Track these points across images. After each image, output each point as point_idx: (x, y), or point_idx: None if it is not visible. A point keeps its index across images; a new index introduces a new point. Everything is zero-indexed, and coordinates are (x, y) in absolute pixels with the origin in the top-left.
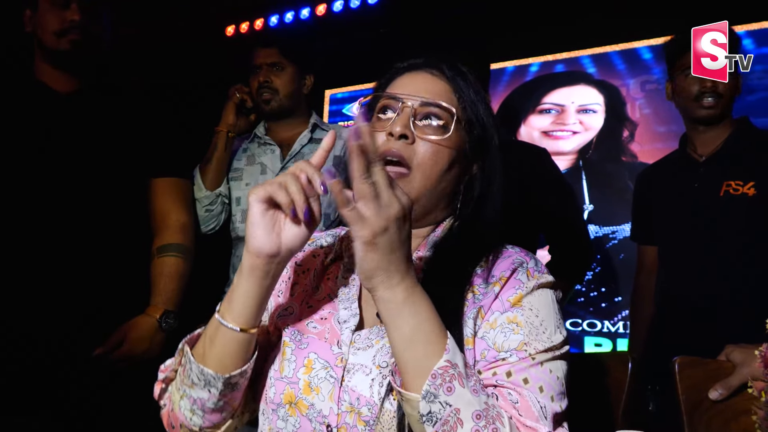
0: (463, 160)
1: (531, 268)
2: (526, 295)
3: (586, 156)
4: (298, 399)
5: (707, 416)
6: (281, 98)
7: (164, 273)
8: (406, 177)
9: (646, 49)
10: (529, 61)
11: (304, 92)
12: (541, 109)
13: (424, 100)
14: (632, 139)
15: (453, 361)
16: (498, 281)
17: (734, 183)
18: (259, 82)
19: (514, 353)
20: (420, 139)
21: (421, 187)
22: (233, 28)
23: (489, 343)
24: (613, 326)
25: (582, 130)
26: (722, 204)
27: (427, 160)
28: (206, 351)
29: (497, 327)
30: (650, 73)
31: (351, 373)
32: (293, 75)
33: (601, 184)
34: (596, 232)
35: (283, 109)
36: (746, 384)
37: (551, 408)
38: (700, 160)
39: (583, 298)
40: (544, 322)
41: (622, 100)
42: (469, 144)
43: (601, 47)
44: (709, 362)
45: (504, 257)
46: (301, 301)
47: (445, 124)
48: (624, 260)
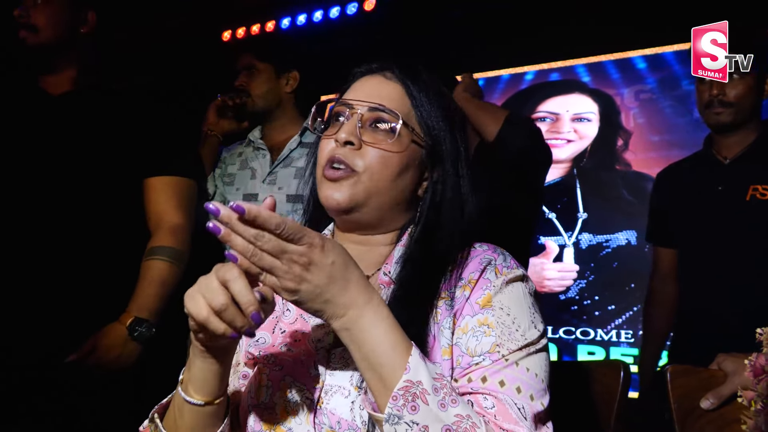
0: (419, 165)
1: (499, 265)
2: (496, 294)
3: (580, 164)
4: (276, 425)
5: (699, 424)
6: (254, 99)
7: (146, 278)
8: (353, 177)
9: (641, 58)
10: (525, 70)
11: (286, 90)
12: (536, 117)
13: (372, 106)
14: (626, 148)
15: (414, 379)
16: (467, 284)
17: (761, 187)
18: (235, 87)
19: (487, 356)
20: (366, 145)
21: (369, 189)
22: (230, 33)
23: (462, 348)
24: (606, 335)
25: (576, 138)
26: (749, 208)
27: (374, 165)
28: (177, 422)
29: (468, 331)
30: (644, 82)
31: (329, 395)
32: (268, 75)
33: (595, 193)
34: (590, 241)
35: (259, 109)
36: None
37: (531, 408)
38: (724, 162)
39: (576, 306)
40: (516, 319)
41: (617, 109)
42: (425, 149)
43: (595, 56)
44: (701, 371)
45: (472, 257)
46: (272, 329)
47: (393, 129)
48: (617, 269)
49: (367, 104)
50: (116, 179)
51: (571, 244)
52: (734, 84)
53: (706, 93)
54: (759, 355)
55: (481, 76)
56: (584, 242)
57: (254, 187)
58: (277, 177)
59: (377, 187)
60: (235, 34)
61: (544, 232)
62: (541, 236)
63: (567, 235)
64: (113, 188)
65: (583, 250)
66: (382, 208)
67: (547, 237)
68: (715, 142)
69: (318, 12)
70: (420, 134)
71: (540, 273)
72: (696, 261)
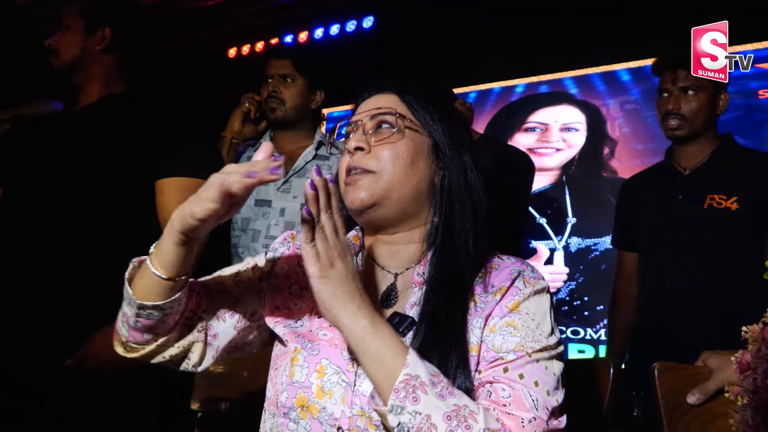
0: (428, 155)
1: (528, 276)
2: (524, 301)
3: (568, 172)
4: (310, 402)
5: (686, 419)
6: (287, 109)
7: None
8: (373, 175)
9: (625, 71)
10: (515, 83)
11: (312, 107)
12: (526, 127)
13: (372, 114)
14: (612, 156)
15: (413, 373)
16: (498, 290)
17: (718, 197)
18: (268, 92)
19: (512, 353)
20: (376, 146)
21: (388, 183)
22: (235, 50)
23: (489, 345)
24: (595, 333)
25: (565, 147)
26: (706, 216)
27: (387, 159)
28: (135, 276)
29: (497, 331)
30: (629, 93)
31: (362, 378)
32: (302, 88)
33: (583, 199)
34: (579, 244)
35: (288, 119)
36: (723, 388)
37: (546, 401)
38: (684, 173)
39: (566, 306)
40: (540, 325)
41: (603, 119)
42: (429, 139)
43: (582, 69)
44: (688, 367)
45: (501, 268)
46: (309, 312)
47: (394, 125)
48: (605, 270)
49: (368, 113)
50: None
51: (560, 248)
52: (688, 99)
53: (663, 107)
54: (744, 351)
55: (474, 89)
56: (573, 246)
57: (267, 194)
58: (292, 186)
59: (394, 179)
60: (240, 50)
61: (535, 236)
62: (532, 240)
63: (557, 239)
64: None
65: (572, 253)
66: (402, 201)
67: (538, 241)
68: (675, 154)
69: (319, 30)
70: (420, 127)
71: None
72: (656, 262)
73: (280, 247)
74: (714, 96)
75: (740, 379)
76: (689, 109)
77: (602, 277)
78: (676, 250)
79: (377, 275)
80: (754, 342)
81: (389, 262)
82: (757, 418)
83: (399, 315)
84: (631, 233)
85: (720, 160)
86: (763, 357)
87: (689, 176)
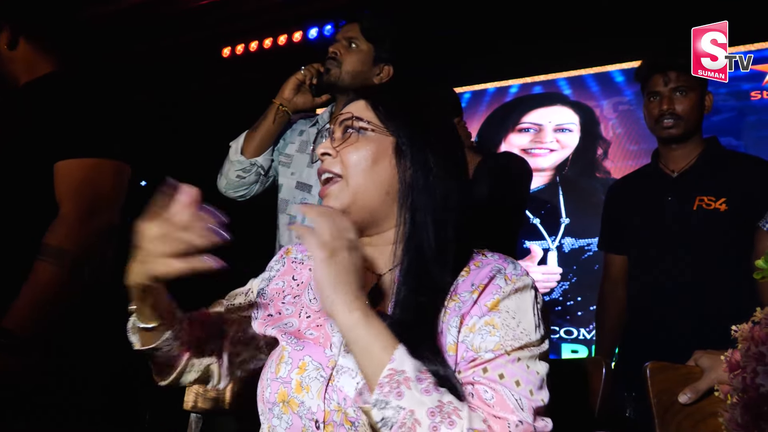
0: (392, 155)
1: (509, 273)
2: (504, 299)
3: (562, 172)
4: (290, 397)
5: (678, 419)
6: (343, 72)
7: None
8: (338, 182)
9: (619, 72)
10: (509, 83)
11: (374, 81)
12: (520, 128)
13: (339, 120)
14: (606, 157)
15: (399, 368)
16: (476, 289)
17: (707, 198)
18: (328, 53)
19: (491, 352)
20: (341, 150)
21: (354, 188)
22: (229, 50)
23: (468, 345)
24: (588, 333)
25: (559, 148)
26: (695, 217)
27: (351, 162)
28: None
29: (476, 330)
30: (622, 95)
31: (339, 374)
32: (366, 56)
33: (576, 199)
34: (572, 245)
35: (341, 84)
36: (714, 388)
37: (530, 401)
38: (672, 175)
39: (560, 306)
40: (521, 323)
41: (596, 120)
42: (393, 139)
43: (576, 70)
44: (679, 367)
45: (484, 265)
46: (299, 315)
47: (356, 128)
48: (599, 270)
49: (335, 120)
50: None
51: (554, 248)
52: (680, 100)
53: (656, 109)
54: (734, 351)
55: (469, 89)
56: (567, 246)
57: (309, 177)
58: None
59: (359, 183)
60: (234, 50)
61: (528, 236)
62: (526, 240)
63: (551, 239)
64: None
65: (566, 253)
66: (370, 203)
67: (531, 241)
68: (662, 156)
69: (313, 29)
70: (383, 129)
71: None
72: (645, 264)
73: (275, 264)
74: (701, 96)
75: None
76: (683, 109)
77: (595, 278)
78: (666, 250)
79: (365, 278)
80: (744, 341)
81: (373, 264)
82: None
83: (380, 314)
84: (619, 236)
85: (707, 162)
86: (752, 356)
87: (677, 178)
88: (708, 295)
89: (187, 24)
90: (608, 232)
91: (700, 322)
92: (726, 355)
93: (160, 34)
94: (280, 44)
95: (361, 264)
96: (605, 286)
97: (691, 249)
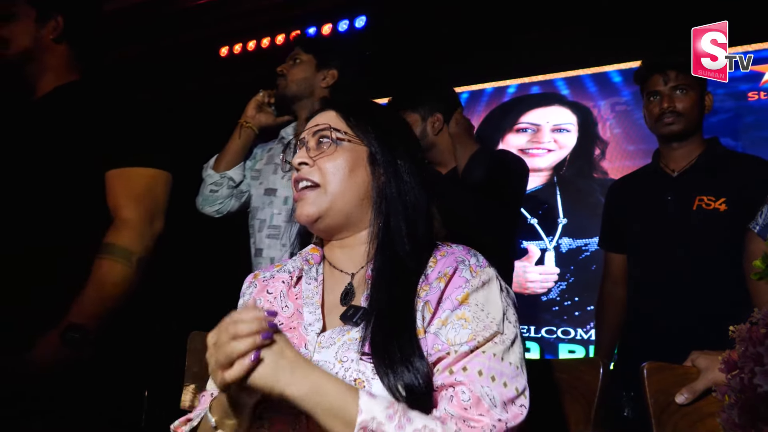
0: (367, 164)
1: (473, 265)
2: (472, 292)
3: (560, 172)
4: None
5: (674, 419)
6: (288, 83)
7: (91, 279)
8: (316, 189)
9: (616, 72)
10: (507, 83)
11: (321, 85)
12: (517, 128)
13: (312, 131)
14: (603, 157)
15: (369, 417)
16: (442, 277)
17: (706, 198)
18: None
19: (465, 345)
20: (318, 160)
21: (331, 195)
22: (227, 49)
23: (442, 338)
24: (585, 334)
25: (556, 148)
26: (695, 217)
27: (328, 171)
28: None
29: (448, 324)
30: (620, 95)
31: None
32: (308, 66)
33: (574, 199)
34: (570, 245)
35: (292, 93)
36: (711, 388)
37: (503, 394)
38: (672, 174)
39: (557, 307)
40: (490, 314)
41: (594, 120)
42: (366, 149)
43: (574, 71)
44: (676, 368)
45: (448, 254)
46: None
47: (331, 138)
48: (596, 271)
49: (310, 131)
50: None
51: (551, 248)
52: (681, 98)
53: (657, 107)
54: (732, 351)
55: (467, 89)
56: (564, 246)
57: (275, 183)
58: None
59: (336, 190)
60: (232, 50)
61: (526, 236)
62: (523, 241)
63: (548, 239)
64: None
65: (563, 253)
66: (346, 209)
67: (529, 241)
68: (663, 156)
69: (311, 29)
70: (357, 139)
71: (522, 276)
72: (645, 263)
73: (246, 290)
74: (701, 95)
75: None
76: (683, 106)
77: (593, 278)
78: (666, 250)
79: (336, 278)
80: (742, 342)
81: (345, 265)
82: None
83: (353, 307)
84: (619, 235)
85: (707, 162)
86: (749, 356)
87: (677, 178)
88: (706, 294)
89: (184, 24)
90: (608, 231)
91: (698, 321)
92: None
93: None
94: (278, 44)
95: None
96: (605, 284)
97: (691, 249)
